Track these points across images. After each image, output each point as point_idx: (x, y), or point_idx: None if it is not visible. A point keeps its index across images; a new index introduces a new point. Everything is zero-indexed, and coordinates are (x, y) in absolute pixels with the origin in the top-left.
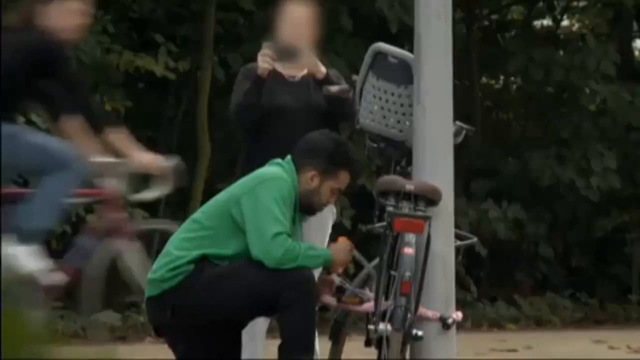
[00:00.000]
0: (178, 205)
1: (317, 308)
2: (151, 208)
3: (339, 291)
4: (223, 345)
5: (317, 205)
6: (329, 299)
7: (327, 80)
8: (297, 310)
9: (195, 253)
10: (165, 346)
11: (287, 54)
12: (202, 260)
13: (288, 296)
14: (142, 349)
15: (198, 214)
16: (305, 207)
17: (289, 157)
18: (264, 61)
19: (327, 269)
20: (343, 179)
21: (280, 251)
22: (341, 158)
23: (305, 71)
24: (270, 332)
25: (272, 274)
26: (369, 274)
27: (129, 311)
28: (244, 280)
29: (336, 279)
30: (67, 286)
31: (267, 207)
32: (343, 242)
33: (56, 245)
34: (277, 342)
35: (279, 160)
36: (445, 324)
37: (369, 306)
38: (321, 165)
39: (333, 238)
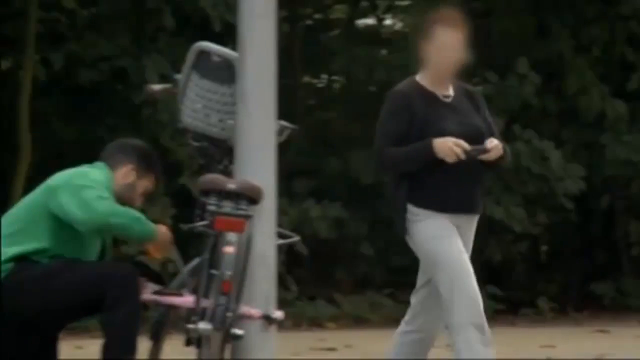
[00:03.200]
0: None
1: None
2: None
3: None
4: (40, 346)
5: (132, 202)
6: (149, 296)
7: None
8: (122, 309)
9: (12, 250)
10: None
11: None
12: (22, 259)
13: (114, 294)
14: None
15: (11, 211)
16: (119, 203)
17: (98, 162)
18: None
19: (146, 252)
20: (152, 181)
21: (105, 205)
22: (154, 160)
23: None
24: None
25: (97, 273)
26: (184, 280)
27: None
28: (69, 280)
29: (151, 285)
30: None
31: (88, 187)
32: (165, 230)
33: None
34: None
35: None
36: (269, 319)
37: (189, 300)
38: (138, 163)
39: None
